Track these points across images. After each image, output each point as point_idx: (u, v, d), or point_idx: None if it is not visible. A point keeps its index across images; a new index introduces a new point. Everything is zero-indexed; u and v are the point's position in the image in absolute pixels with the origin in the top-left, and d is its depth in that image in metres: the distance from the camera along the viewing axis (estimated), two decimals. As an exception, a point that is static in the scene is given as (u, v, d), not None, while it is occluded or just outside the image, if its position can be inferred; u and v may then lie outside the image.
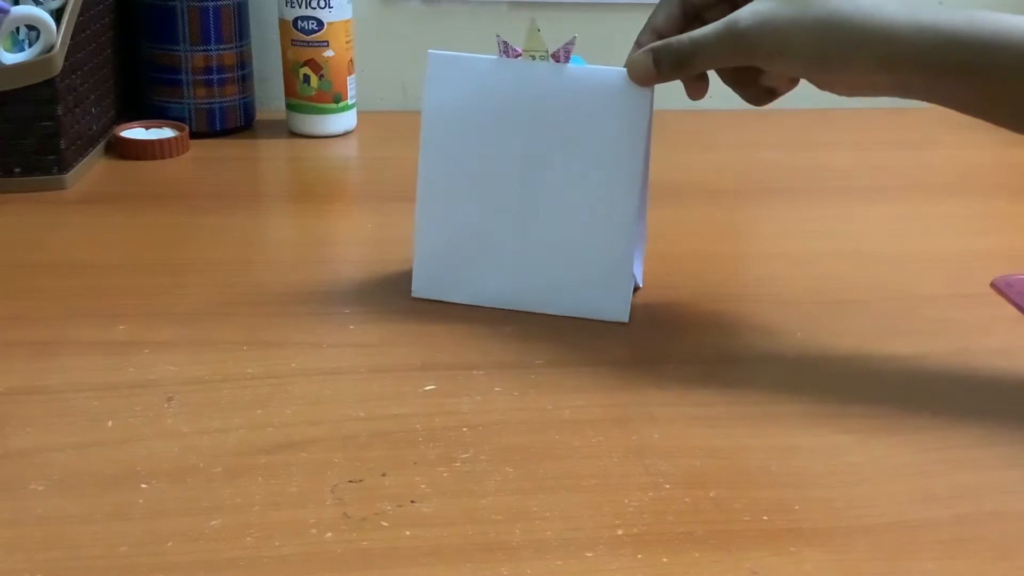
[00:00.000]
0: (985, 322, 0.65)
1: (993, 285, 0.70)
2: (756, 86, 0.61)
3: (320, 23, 0.96)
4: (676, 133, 1.05)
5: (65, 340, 0.59)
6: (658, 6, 0.61)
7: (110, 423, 0.51)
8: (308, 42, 0.97)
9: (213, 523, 0.44)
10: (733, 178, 0.93)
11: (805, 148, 1.03)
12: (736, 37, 0.56)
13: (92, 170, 0.89)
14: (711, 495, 0.47)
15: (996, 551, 0.44)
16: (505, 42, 0.62)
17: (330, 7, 0.96)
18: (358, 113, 1.03)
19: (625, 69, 0.60)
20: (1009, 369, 0.60)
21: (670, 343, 0.61)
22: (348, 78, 1.00)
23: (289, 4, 0.96)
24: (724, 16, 0.58)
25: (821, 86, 0.57)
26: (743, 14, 0.56)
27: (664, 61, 0.58)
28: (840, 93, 0.58)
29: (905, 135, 1.08)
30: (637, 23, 0.62)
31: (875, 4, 0.54)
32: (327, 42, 0.97)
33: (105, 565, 0.41)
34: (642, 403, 0.54)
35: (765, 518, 0.45)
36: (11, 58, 0.81)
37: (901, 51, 0.53)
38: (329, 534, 0.43)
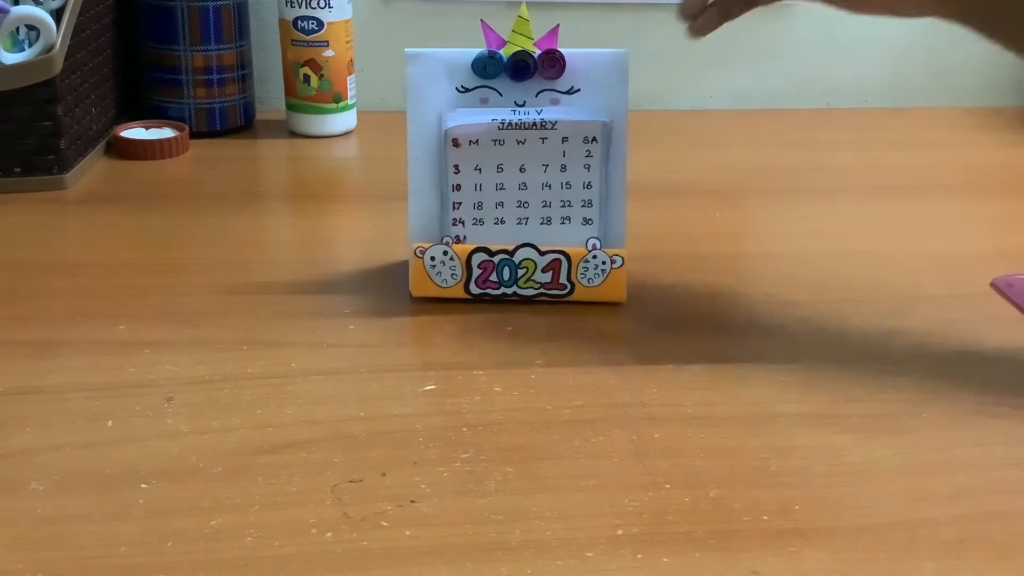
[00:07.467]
0: (985, 322, 0.65)
1: (993, 285, 0.70)
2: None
3: (320, 23, 0.96)
4: (676, 133, 1.05)
5: (65, 340, 0.59)
6: None
7: (110, 423, 0.51)
8: (308, 42, 0.97)
9: (213, 523, 0.44)
10: (733, 178, 0.93)
11: (805, 148, 1.03)
12: None
13: (92, 170, 0.89)
14: (711, 495, 0.47)
15: (996, 551, 0.44)
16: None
17: (330, 7, 0.96)
18: (358, 113, 1.03)
19: None
20: (1009, 369, 0.60)
21: (670, 343, 0.61)
22: (348, 78, 1.00)
23: (289, 4, 0.96)
24: None
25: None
26: None
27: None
28: (870, 14, 0.61)
29: (905, 135, 1.08)
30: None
31: None
32: (327, 42, 0.97)
33: (105, 565, 0.41)
34: (642, 403, 0.54)
35: (765, 518, 0.45)
36: (11, 58, 0.81)
37: None
38: (329, 534, 0.43)
